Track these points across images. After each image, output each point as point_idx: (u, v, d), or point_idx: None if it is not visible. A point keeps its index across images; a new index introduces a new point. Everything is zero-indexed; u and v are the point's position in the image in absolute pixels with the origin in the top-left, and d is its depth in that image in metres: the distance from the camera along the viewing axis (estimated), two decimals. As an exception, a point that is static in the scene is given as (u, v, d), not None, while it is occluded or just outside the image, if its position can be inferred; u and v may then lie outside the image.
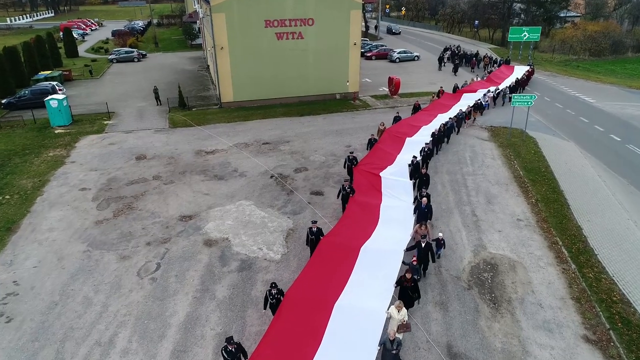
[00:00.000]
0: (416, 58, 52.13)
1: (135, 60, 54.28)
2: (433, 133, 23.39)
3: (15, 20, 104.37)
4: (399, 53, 51.57)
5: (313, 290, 11.56)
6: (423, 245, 13.62)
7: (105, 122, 30.51)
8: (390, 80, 36.55)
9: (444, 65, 47.56)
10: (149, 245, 16.45)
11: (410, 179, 18.96)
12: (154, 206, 19.24)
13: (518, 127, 27.68)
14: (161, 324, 12.73)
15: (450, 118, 25.91)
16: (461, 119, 26.96)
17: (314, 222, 14.72)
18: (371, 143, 22.53)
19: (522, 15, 72.54)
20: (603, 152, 26.00)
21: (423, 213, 15.78)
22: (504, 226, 17.49)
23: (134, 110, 33.56)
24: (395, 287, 12.10)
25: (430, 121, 26.11)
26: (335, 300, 11.27)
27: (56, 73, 41.30)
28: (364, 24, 79.63)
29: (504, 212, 18.51)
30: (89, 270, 15.08)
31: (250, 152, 24.97)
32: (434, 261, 14.22)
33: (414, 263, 13.20)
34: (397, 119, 26.31)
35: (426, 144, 21.77)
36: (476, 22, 73.19)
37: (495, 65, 45.48)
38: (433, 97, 32.23)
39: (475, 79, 37.26)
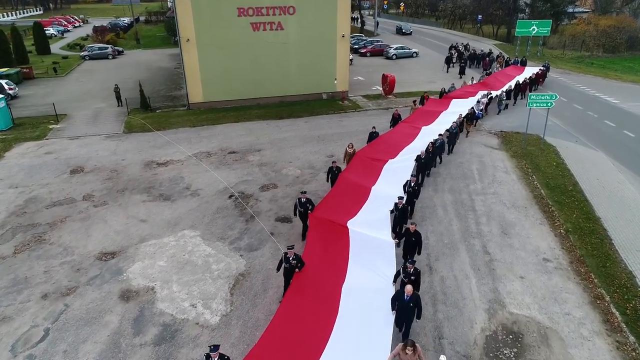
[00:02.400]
0: (414, 54, 47.76)
1: (110, 57, 50.10)
2: (419, 157, 17.19)
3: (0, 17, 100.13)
4: (395, 49, 47.20)
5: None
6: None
7: (51, 127, 26.13)
8: (384, 78, 32.14)
9: (452, 66, 40.23)
10: (44, 299, 12.05)
11: (393, 233, 13.28)
12: (71, 238, 14.85)
13: (533, 132, 23.29)
14: None
15: (440, 135, 19.59)
16: (454, 135, 20.77)
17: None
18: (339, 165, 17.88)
19: (527, 11, 68.19)
20: None
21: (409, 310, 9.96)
22: (527, 269, 13.08)
23: (90, 112, 29.21)
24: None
25: (414, 137, 20.36)
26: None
27: (13, 70, 36.98)
28: (359, 17, 75.21)
29: (526, 248, 14.10)
30: (-53, 340, 10.71)
31: (210, 164, 20.58)
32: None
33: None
34: (373, 136, 20.26)
35: (412, 176, 15.39)
36: (479, 17, 68.71)
37: (496, 66, 38.33)
38: (415, 104, 25.61)
39: (466, 82, 31.47)
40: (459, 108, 24.14)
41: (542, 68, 34.53)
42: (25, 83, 37.72)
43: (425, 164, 17.53)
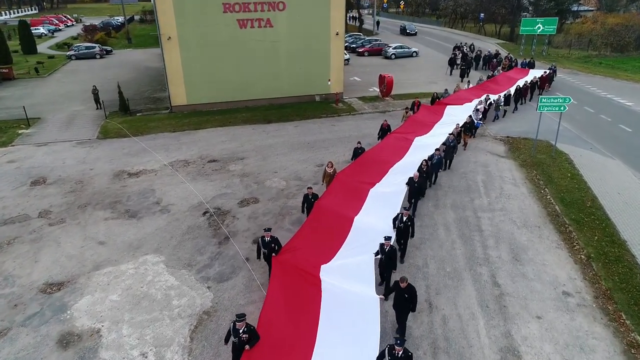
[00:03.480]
0: (414, 54, 45.73)
1: (97, 56, 48.12)
2: (411, 179, 14.35)
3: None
4: (394, 48, 45.17)
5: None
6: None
7: (20, 132, 24.16)
8: (382, 78, 30.12)
9: (456, 68, 36.62)
10: (-34, 344, 10.07)
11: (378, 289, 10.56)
12: (15, 265, 12.86)
13: (543, 137, 21.28)
14: None
15: (436, 150, 16.82)
16: (452, 148, 17.99)
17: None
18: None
19: (530, 9, 66.16)
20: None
21: None
22: (545, 307, 11.06)
23: (65, 115, 27.22)
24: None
25: (405, 152, 17.44)
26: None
27: (-11, 71, 35.11)
28: (357, 15, 73.25)
29: (541, 279, 12.08)
30: None
31: (187, 174, 18.59)
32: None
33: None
34: (358, 153, 17.43)
35: (405, 209, 12.39)
36: (481, 15, 66.64)
37: (498, 69, 34.07)
38: (407, 111, 22.72)
39: (460, 85, 28.33)
40: (455, 116, 21.36)
41: (547, 71, 31.12)
42: (4, 84, 35.78)
43: (419, 187, 14.48)
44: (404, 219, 12.04)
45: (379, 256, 10.96)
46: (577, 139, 22.56)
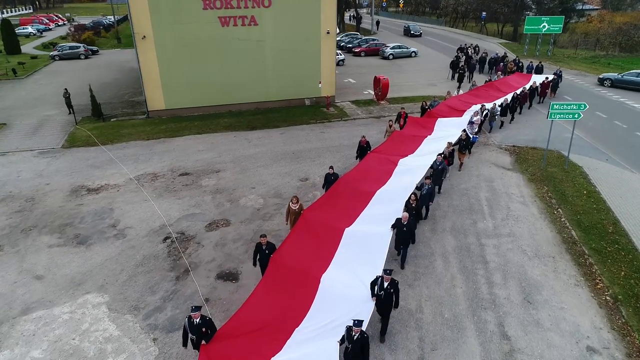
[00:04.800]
0: (413, 54, 43.59)
1: (82, 57, 46.03)
2: (398, 221, 11.17)
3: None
4: (392, 48, 43.03)
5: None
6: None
7: (-20, 139, 22.11)
8: (377, 81, 27.98)
9: (460, 71, 31.24)
10: None
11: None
12: None
13: (553, 147, 19.16)
14: None
15: (427, 178, 13.72)
16: (441, 172, 14.86)
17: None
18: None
19: (534, 7, 63.94)
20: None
21: None
22: (566, 368, 8.95)
23: (35, 121, 25.13)
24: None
25: (388, 177, 14.13)
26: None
27: (-39, 72, 33.07)
28: (354, 14, 71.10)
29: (560, 328, 9.95)
30: None
31: (153, 191, 16.49)
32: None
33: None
34: (330, 180, 14.04)
35: (386, 273, 9.01)
36: (483, 14, 64.45)
37: (499, 74, 30.78)
38: (390, 125, 19.07)
39: (451, 92, 25.13)
40: (446, 131, 18.38)
41: (549, 77, 27.27)
42: (-22, 86, 33.77)
43: (408, 232, 11.31)
44: (385, 284, 8.83)
45: (344, 344, 7.79)
46: (591, 149, 20.40)
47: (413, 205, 12.42)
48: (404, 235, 11.36)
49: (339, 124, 24.16)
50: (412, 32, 58.66)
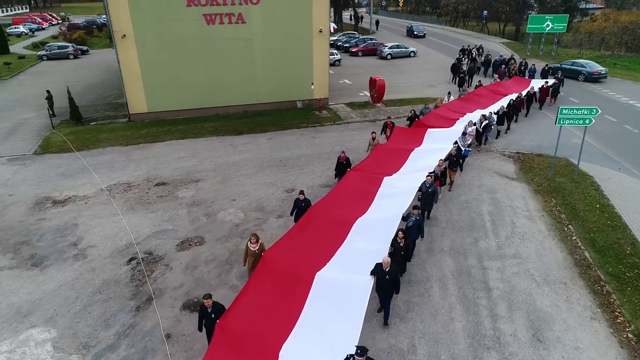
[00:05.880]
0: (412, 54, 42.15)
1: (71, 56, 44.69)
2: (379, 268, 8.79)
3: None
4: (390, 48, 41.59)
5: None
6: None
7: (-53, 145, 20.72)
8: (372, 82, 26.54)
9: (462, 74, 29.08)
10: None
11: None
12: None
13: (560, 154, 17.68)
14: None
15: (415, 208, 11.23)
16: (430, 196, 12.67)
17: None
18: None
19: (536, 5, 62.46)
20: None
21: None
22: None
23: (11, 124, 23.74)
24: None
25: (369, 203, 12.00)
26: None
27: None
28: (352, 13, 69.63)
29: (576, 374, 8.54)
30: None
31: (124, 203, 15.09)
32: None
33: None
34: (301, 207, 11.82)
35: (359, 354, 6.71)
36: (484, 13, 62.97)
37: (495, 77, 27.93)
38: (374, 137, 16.85)
39: (444, 99, 22.71)
40: (436, 143, 16.02)
41: (547, 81, 25.31)
42: (-42, 87, 32.43)
43: (392, 280, 8.92)
44: (364, 354, 6.72)
45: None
46: (602, 156, 18.94)
47: (401, 244, 10.04)
48: (386, 285, 8.95)
49: (331, 128, 22.73)
50: (415, 32, 55.56)
